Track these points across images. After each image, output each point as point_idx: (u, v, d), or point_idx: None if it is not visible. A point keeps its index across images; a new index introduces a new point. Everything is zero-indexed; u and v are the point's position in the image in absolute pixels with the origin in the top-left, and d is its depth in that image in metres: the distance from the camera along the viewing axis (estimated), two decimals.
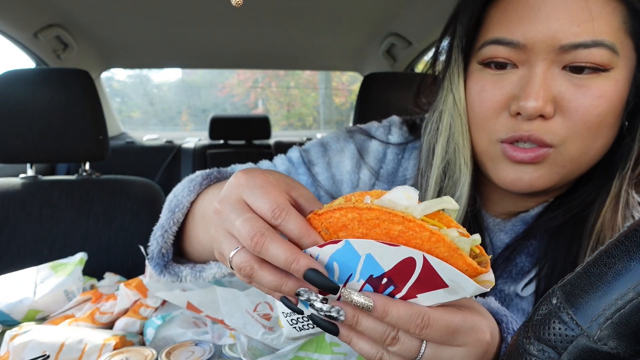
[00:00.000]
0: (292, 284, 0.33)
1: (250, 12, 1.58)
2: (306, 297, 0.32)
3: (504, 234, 0.57)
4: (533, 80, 0.45)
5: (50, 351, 0.58)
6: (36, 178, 1.16)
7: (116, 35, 1.82)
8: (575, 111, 0.45)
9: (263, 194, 0.34)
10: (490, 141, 0.50)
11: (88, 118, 1.10)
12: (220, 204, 0.36)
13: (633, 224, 0.30)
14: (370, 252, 0.31)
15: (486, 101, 0.49)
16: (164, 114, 5.47)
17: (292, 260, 0.31)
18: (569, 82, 0.45)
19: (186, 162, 2.25)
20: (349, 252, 0.32)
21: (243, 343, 0.59)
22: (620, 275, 0.28)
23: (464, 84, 0.51)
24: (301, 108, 6.12)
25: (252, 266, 0.33)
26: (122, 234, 1.12)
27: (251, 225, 0.32)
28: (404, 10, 1.54)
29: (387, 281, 0.32)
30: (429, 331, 0.32)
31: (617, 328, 0.27)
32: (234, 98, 5.88)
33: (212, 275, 0.53)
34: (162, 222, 0.55)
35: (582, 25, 0.43)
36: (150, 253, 0.55)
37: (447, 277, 0.30)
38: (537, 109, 0.44)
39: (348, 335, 0.34)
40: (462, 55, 0.52)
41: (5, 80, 1.07)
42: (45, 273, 0.78)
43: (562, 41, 0.44)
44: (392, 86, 1.30)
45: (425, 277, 0.31)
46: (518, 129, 0.47)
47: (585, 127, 0.45)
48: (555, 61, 0.45)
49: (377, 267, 0.32)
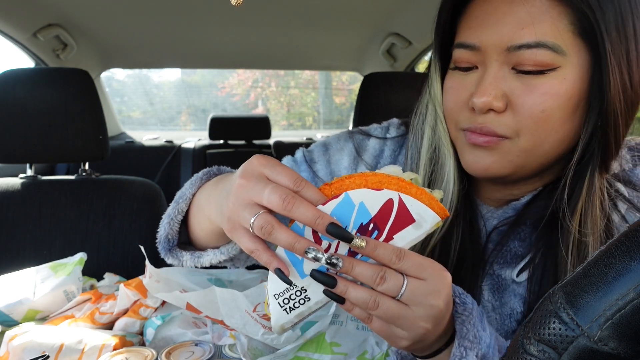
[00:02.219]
0: (303, 242, 0.40)
1: (250, 12, 1.57)
2: (314, 254, 0.40)
3: (496, 220, 0.61)
4: (484, 78, 0.51)
5: (50, 351, 0.58)
6: (36, 178, 1.15)
7: (116, 35, 1.82)
8: (522, 107, 0.50)
9: (282, 170, 0.43)
10: (456, 129, 0.57)
11: (87, 118, 1.10)
12: (244, 179, 0.43)
13: (633, 224, 0.30)
14: (362, 199, 0.42)
15: (453, 97, 0.56)
16: (163, 114, 5.47)
17: (318, 216, 0.39)
18: (518, 81, 0.50)
19: (186, 162, 2.25)
20: (347, 204, 0.42)
21: (243, 343, 0.59)
22: (620, 276, 0.28)
23: (440, 82, 0.59)
24: (301, 108, 6.12)
25: (273, 226, 0.40)
26: (122, 234, 1.11)
27: (281, 190, 0.40)
28: (404, 10, 1.54)
29: (372, 227, 0.42)
30: (405, 262, 0.41)
31: (618, 329, 0.27)
32: (234, 98, 5.88)
33: (209, 262, 0.59)
34: (169, 211, 0.63)
35: (526, 29, 0.48)
36: (159, 237, 0.63)
37: (415, 211, 0.42)
38: (485, 104, 0.50)
39: (345, 286, 0.41)
40: (438, 57, 0.59)
41: (4, 80, 1.07)
42: (45, 273, 0.77)
43: (508, 43, 0.49)
44: (392, 86, 1.30)
45: (400, 215, 0.42)
46: (474, 121, 0.53)
47: (533, 122, 0.50)
48: (505, 62, 0.51)
49: (367, 213, 0.42)
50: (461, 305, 0.46)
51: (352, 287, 0.41)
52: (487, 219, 0.61)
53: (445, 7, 0.56)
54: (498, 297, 0.58)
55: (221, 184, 0.55)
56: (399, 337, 0.43)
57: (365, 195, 0.41)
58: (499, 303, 0.58)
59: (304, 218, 0.40)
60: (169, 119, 5.38)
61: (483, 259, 0.59)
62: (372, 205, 0.42)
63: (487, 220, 0.61)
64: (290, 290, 0.43)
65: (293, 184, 0.41)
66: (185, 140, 2.40)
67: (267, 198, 0.40)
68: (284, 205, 0.40)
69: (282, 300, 0.43)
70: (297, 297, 0.43)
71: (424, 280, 0.41)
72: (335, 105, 5.44)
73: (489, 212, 0.61)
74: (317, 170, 0.67)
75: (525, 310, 0.56)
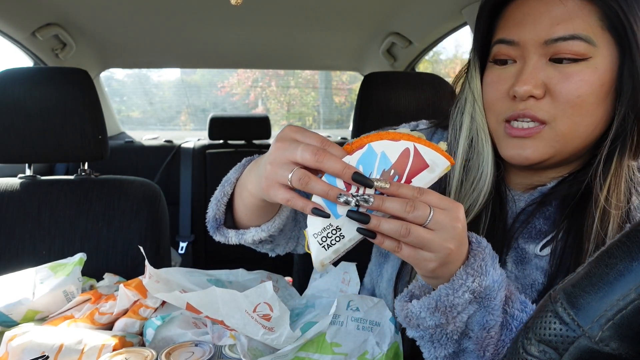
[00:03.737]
0: (335, 189, 0.47)
1: (250, 12, 1.57)
2: (345, 198, 0.47)
3: (524, 203, 0.67)
4: (525, 69, 0.58)
5: (50, 352, 0.58)
6: (35, 178, 1.15)
7: (115, 34, 1.82)
8: (560, 93, 0.57)
9: (311, 133, 0.51)
10: (497, 121, 0.63)
11: (87, 118, 1.10)
12: (280, 142, 0.51)
13: (634, 224, 0.30)
14: (383, 149, 0.49)
15: (493, 90, 0.63)
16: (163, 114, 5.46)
17: (344, 167, 0.47)
18: (555, 70, 0.57)
19: (185, 162, 2.24)
20: (370, 154, 0.49)
21: (243, 343, 0.59)
22: (621, 276, 0.28)
23: (480, 77, 0.66)
24: (301, 107, 6.11)
25: (310, 176, 0.48)
26: (122, 234, 1.11)
27: (312, 147, 0.48)
28: (404, 10, 1.54)
29: (393, 172, 0.49)
30: (426, 196, 0.48)
31: (619, 329, 0.27)
32: (234, 97, 5.87)
33: (252, 238, 0.66)
34: (216, 194, 0.68)
35: (561, 25, 0.56)
36: (207, 218, 0.69)
37: (428, 157, 0.49)
38: (526, 91, 0.57)
39: (377, 220, 0.47)
40: (478, 54, 0.66)
41: (3, 80, 1.06)
42: (44, 273, 0.77)
43: (545, 37, 0.57)
44: (393, 85, 1.30)
45: (415, 161, 0.49)
46: (516, 108, 0.59)
47: (569, 106, 0.57)
48: (542, 54, 0.58)
49: (387, 160, 0.49)
50: (476, 243, 0.53)
51: (384, 220, 0.47)
52: (513, 201, 0.68)
53: (484, 9, 0.64)
54: (521, 269, 0.63)
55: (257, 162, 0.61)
56: (427, 260, 0.49)
57: (385, 146, 0.49)
58: (522, 274, 0.63)
59: (332, 169, 0.47)
60: (169, 118, 5.37)
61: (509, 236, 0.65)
62: (392, 154, 0.49)
63: (513, 202, 0.68)
64: (327, 230, 0.49)
65: (320, 143, 0.49)
66: (184, 140, 2.40)
67: (301, 155, 0.48)
68: (315, 158, 0.47)
69: (321, 238, 0.50)
70: (333, 235, 0.50)
71: (445, 209, 0.48)
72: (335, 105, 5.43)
73: (517, 196, 0.68)
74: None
75: (546, 282, 0.61)
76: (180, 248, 2.07)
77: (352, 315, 0.64)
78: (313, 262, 0.51)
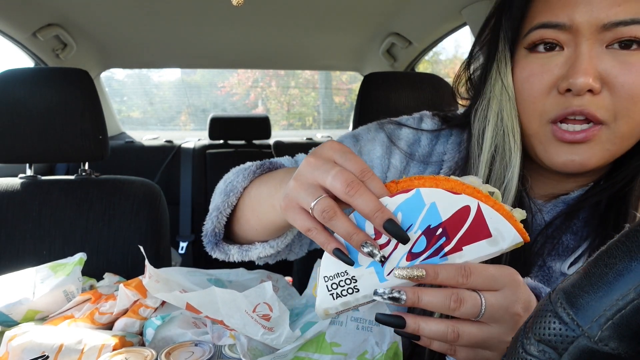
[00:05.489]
0: (362, 235, 0.39)
1: (250, 12, 1.57)
2: (370, 249, 0.38)
3: (546, 214, 0.59)
4: (580, 58, 0.48)
5: (49, 352, 0.58)
6: (35, 178, 1.15)
7: (116, 35, 1.82)
8: (622, 87, 0.47)
9: (352, 157, 0.42)
10: (540, 123, 0.53)
11: (87, 118, 1.10)
12: (314, 158, 0.42)
13: (634, 224, 0.30)
14: (435, 200, 0.38)
15: (535, 84, 0.52)
16: (163, 114, 5.46)
17: (378, 209, 0.38)
18: (614, 59, 0.48)
19: (186, 162, 2.24)
20: (416, 201, 0.39)
21: (243, 343, 0.59)
22: (621, 276, 0.28)
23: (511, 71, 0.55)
24: (301, 108, 6.11)
25: (336, 211, 0.39)
26: (122, 234, 1.11)
27: (347, 175, 0.39)
28: (404, 10, 1.54)
29: (441, 232, 0.38)
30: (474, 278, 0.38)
31: (618, 329, 0.27)
32: (234, 97, 5.87)
33: (257, 255, 0.58)
34: (217, 204, 0.61)
35: (622, 6, 0.47)
36: (205, 231, 0.62)
37: (493, 226, 0.38)
38: (586, 84, 0.47)
39: (415, 323, 0.39)
40: (509, 45, 0.55)
41: (3, 80, 1.06)
42: (45, 273, 0.77)
43: (603, 20, 0.47)
44: (393, 86, 1.30)
45: (475, 225, 0.38)
46: (569, 105, 0.49)
47: (632, 102, 0.48)
48: (598, 40, 0.48)
49: (437, 216, 0.38)
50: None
51: (423, 321, 0.39)
52: (534, 212, 0.60)
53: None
54: None
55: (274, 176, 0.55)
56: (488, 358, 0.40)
57: (439, 196, 0.38)
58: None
59: (363, 207, 0.38)
60: (169, 118, 5.37)
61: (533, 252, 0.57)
62: (445, 209, 0.38)
63: (536, 214, 0.59)
64: (341, 276, 0.41)
65: (360, 172, 0.40)
66: (185, 140, 2.40)
67: (331, 181, 0.39)
68: (346, 190, 0.39)
69: (331, 284, 0.42)
70: (346, 285, 0.41)
71: (499, 291, 0.38)
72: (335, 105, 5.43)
73: (538, 206, 0.60)
74: None
75: None
76: (180, 248, 2.07)
77: (352, 315, 0.64)
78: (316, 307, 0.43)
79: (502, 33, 0.56)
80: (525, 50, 0.53)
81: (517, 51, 0.55)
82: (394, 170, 0.65)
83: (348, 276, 0.41)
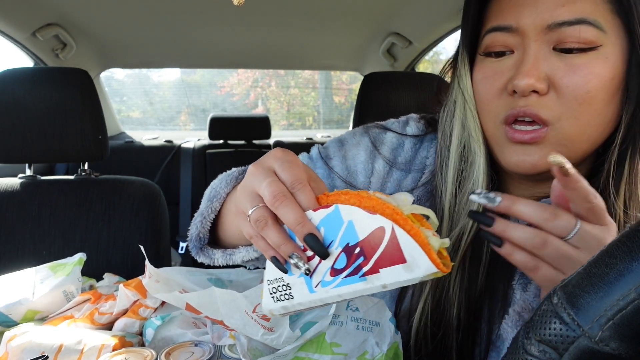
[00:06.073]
0: (290, 247, 0.40)
1: (250, 12, 1.57)
2: (295, 261, 0.39)
3: None
4: (525, 60, 0.49)
5: (49, 352, 0.58)
6: (35, 178, 1.15)
7: (115, 34, 1.82)
8: (567, 87, 0.48)
9: (289, 167, 0.42)
10: (494, 124, 0.54)
11: (87, 118, 1.10)
12: (255, 167, 0.43)
13: (634, 224, 0.29)
14: (352, 218, 0.37)
15: (488, 86, 0.53)
16: (163, 114, 5.46)
17: (299, 223, 0.38)
18: (561, 61, 0.49)
19: (185, 162, 2.24)
20: (336, 218, 0.38)
21: (243, 344, 0.59)
22: (621, 276, 0.27)
23: (470, 74, 0.56)
24: (301, 108, 6.11)
25: (267, 221, 0.40)
26: (122, 234, 1.11)
27: (276, 186, 0.40)
28: (404, 10, 1.54)
29: (359, 251, 0.37)
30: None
31: (619, 329, 0.27)
32: (234, 97, 5.87)
33: (241, 259, 0.59)
34: (201, 209, 0.62)
35: (567, 6, 0.47)
36: (190, 236, 0.63)
37: (408, 252, 0.35)
38: (529, 85, 0.48)
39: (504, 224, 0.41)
40: (467, 48, 0.56)
41: (3, 80, 1.06)
42: (44, 273, 0.77)
43: (548, 21, 0.48)
44: (393, 85, 1.30)
45: (390, 249, 0.36)
46: (515, 106, 0.50)
47: (577, 103, 0.48)
48: (545, 41, 0.49)
49: (354, 235, 0.37)
50: None
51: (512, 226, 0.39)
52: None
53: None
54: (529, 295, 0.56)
55: None
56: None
57: (355, 215, 0.37)
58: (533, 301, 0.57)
59: (286, 219, 0.39)
60: (169, 118, 5.38)
61: None
62: (362, 228, 0.37)
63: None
64: (278, 282, 0.42)
65: (290, 183, 0.40)
66: (185, 140, 2.40)
67: (263, 191, 0.41)
68: (272, 202, 0.39)
69: (272, 288, 0.43)
70: (283, 291, 0.42)
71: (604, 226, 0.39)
72: (335, 105, 5.43)
73: None
74: (333, 167, 0.66)
75: None
76: (180, 248, 2.07)
77: (352, 315, 0.64)
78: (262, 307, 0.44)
79: (461, 38, 0.57)
80: (481, 55, 0.55)
81: (476, 54, 0.56)
82: (377, 176, 0.64)
83: (284, 282, 0.42)
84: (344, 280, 0.38)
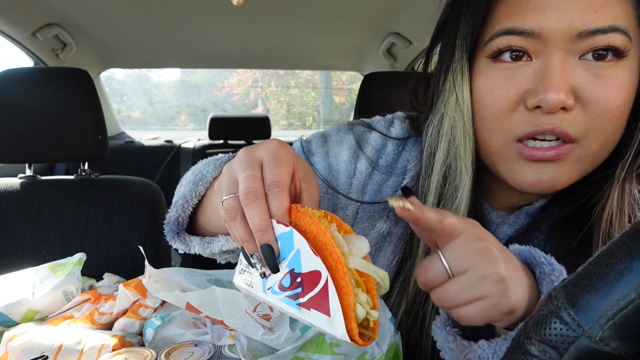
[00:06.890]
0: (252, 246, 0.38)
1: (250, 12, 1.57)
2: (255, 261, 0.38)
3: (508, 226, 0.55)
4: (552, 71, 0.43)
5: (49, 352, 0.58)
6: (35, 178, 1.15)
7: (115, 34, 1.82)
8: (597, 102, 0.43)
9: (276, 164, 0.39)
10: (505, 141, 0.47)
11: (87, 118, 1.10)
12: (245, 153, 0.41)
13: (635, 224, 0.29)
14: (300, 248, 0.37)
15: (499, 98, 0.46)
16: (163, 114, 5.46)
17: (261, 230, 0.37)
18: (588, 72, 0.43)
19: (185, 162, 2.24)
20: (289, 240, 0.37)
21: (243, 344, 0.59)
22: (622, 276, 0.27)
23: (469, 84, 0.49)
24: (301, 108, 6.11)
25: (236, 215, 0.38)
26: (122, 234, 1.11)
27: (252, 183, 0.38)
28: (404, 10, 1.54)
29: (299, 281, 0.37)
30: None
31: (619, 329, 0.27)
32: (234, 97, 5.87)
33: (219, 248, 0.55)
34: (184, 192, 0.58)
35: (599, 11, 0.42)
36: (168, 219, 0.60)
37: (332, 309, 0.35)
38: (559, 101, 0.42)
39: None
40: (467, 54, 0.49)
41: (3, 80, 1.06)
42: (44, 273, 0.77)
43: (579, 28, 0.42)
44: (393, 85, 1.30)
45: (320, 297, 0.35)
46: (539, 123, 0.44)
47: (607, 119, 0.43)
48: (572, 50, 0.43)
49: (299, 264, 0.37)
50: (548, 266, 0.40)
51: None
52: (497, 225, 0.56)
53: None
54: None
55: None
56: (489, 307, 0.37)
57: (303, 247, 0.36)
58: None
59: (250, 220, 0.37)
60: (169, 118, 5.38)
61: None
62: (306, 262, 0.36)
63: (498, 226, 0.56)
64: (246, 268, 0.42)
65: (269, 183, 0.38)
66: (185, 140, 2.40)
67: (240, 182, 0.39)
68: (243, 198, 0.37)
69: (241, 269, 0.43)
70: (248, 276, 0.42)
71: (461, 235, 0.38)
72: (335, 105, 5.43)
73: (500, 218, 0.56)
74: (314, 163, 0.63)
75: None
76: None
77: None
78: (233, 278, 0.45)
79: (458, 40, 0.49)
80: (487, 59, 0.47)
81: (477, 60, 0.48)
82: (359, 176, 0.61)
83: (250, 270, 0.42)
84: (285, 299, 0.38)
